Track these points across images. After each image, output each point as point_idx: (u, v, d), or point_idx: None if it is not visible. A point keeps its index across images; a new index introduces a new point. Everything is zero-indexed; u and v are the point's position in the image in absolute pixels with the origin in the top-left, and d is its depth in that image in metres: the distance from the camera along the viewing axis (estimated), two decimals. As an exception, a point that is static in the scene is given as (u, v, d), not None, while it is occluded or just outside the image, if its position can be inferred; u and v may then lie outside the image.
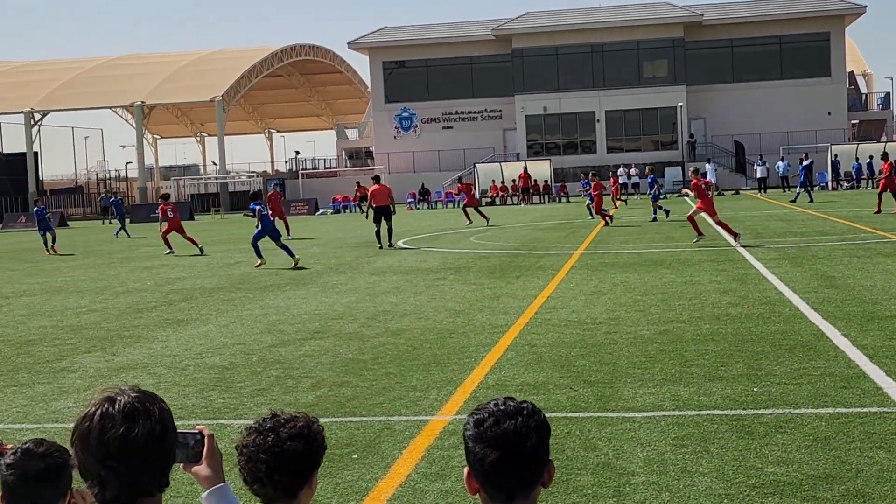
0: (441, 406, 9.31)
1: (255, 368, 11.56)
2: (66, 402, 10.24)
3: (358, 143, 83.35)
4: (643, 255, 23.22)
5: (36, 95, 74.00)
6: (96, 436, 2.61)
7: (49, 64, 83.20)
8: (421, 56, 72.82)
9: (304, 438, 3.42)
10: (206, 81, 72.30)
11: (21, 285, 23.07)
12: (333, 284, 20.17)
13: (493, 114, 72.75)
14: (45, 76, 77.86)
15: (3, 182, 73.12)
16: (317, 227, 43.77)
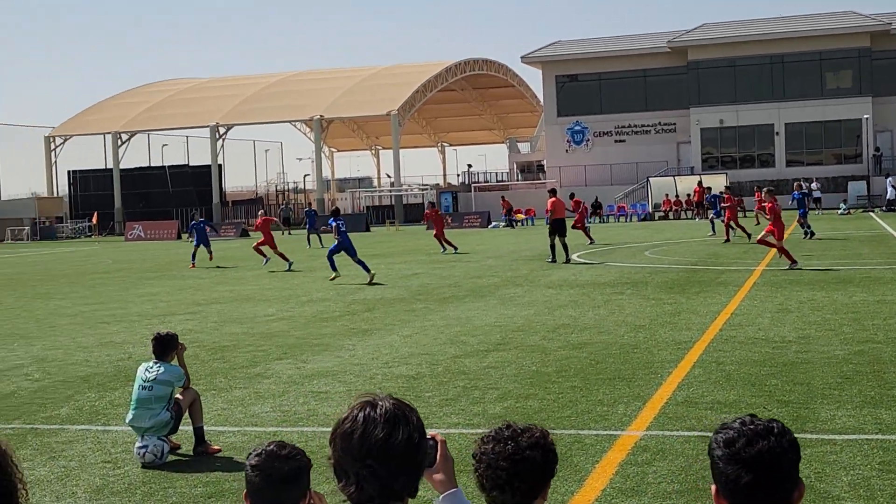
0: (631, 421, 9.25)
1: (442, 379, 11.73)
2: (264, 407, 10.61)
3: (530, 156, 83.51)
4: (830, 273, 22.49)
5: (221, 110, 76.91)
6: (359, 437, 2.73)
7: (233, 80, 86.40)
8: (594, 69, 72.48)
9: (542, 448, 3.49)
10: (382, 96, 73.75)
11: (212, 293, 24.00)
12: (511, 297, 20.26)
13: (666, 127, 71.78)
14: (230, 92, 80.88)
15: (190, 193, 76.22)
16: (489, 240, 44.01)
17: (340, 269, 25.80)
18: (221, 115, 76.33)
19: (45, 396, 11.67)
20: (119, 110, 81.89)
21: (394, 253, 37.01)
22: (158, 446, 8.42)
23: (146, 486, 7.88)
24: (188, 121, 78.15)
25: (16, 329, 18.27)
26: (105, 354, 14.74)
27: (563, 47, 75.35)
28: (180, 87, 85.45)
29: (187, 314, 19.74)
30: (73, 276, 31.50)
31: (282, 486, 3.67)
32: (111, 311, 20.66)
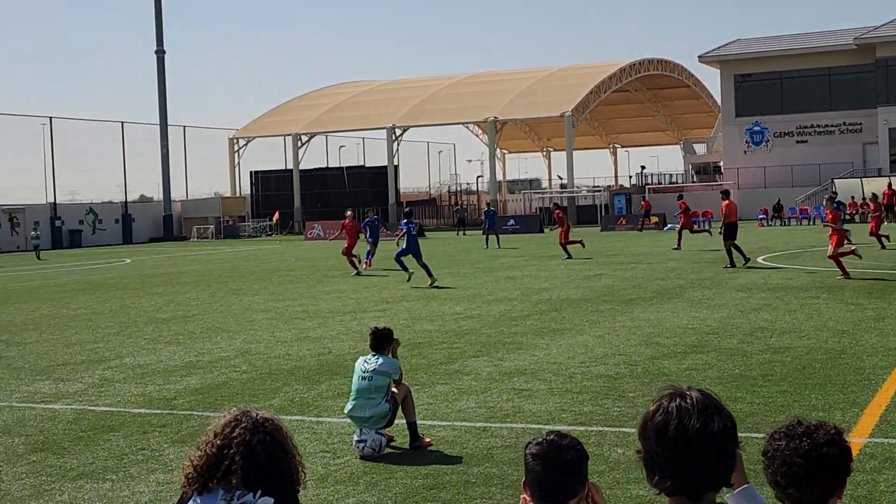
0: (851, 428, 8.96)
1: (642, 379, 11.63)
2: (469, 403, 10.73)
3: (705, 157, 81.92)
4: None
5: (397, 112, 78.17)
6: (674, 428, 2.73)
7: (409, 83, 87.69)
8: (775, 68, 70.56)
9: (838, 445, 3.42)
10: (556, 97, 73.58)
11: (398, 291, 24.42)
12: (699, 299, 19.92)
13: (852, 127, 69.26)
14: (406, 94, 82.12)
15: (366, 193, 77.72)
16: (668, 242, 43.36)
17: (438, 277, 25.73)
18: (398, 117, 77.56)
19: (255, 388, 12.10)
20: (299, 113, 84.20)
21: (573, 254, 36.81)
22: (377, 440, 8.61)
23: (367, 476, 8.07)
24: (366, 123, 79.71)
25: (216, 323, 18.99)
26: (305, 349, 15.18)
27: (742, 45, 73.64)
28: (358, 90, 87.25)
29: (377, 311, 20.13)
30: (261, 274, 32.54)
31: (563, 476, 3.70)
32: (303, 308, 21.25)
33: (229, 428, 3.83)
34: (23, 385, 12.81)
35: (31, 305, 24.01)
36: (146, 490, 7.90)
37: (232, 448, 3.76)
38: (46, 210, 70.46)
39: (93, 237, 71.39)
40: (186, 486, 3.89)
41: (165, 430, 9.97)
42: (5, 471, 8.61)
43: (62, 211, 71.28)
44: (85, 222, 72.23)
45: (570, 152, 73.05)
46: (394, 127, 76.92)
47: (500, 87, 79.12)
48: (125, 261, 45.51)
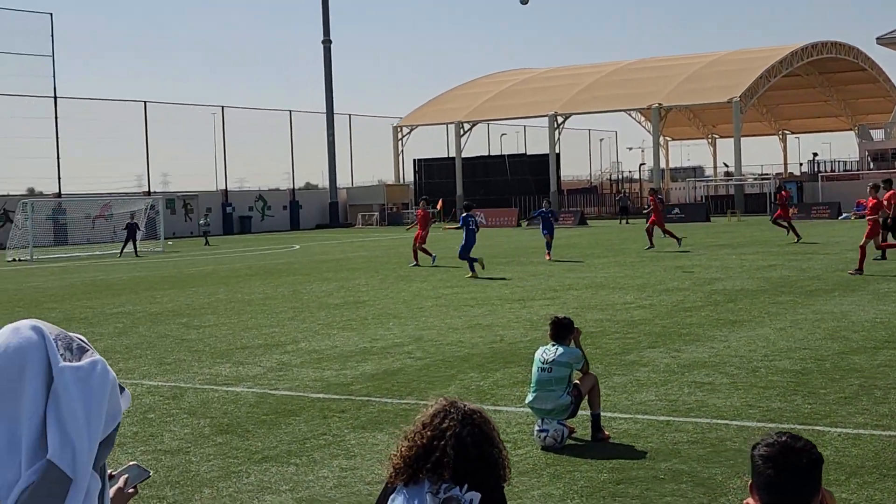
0: None
1: (832, 375, 11.11)
2: (648, 395, 10.45)
3: (883, 144, 78.57)
4: None
5: (559, 100, 77.62)
6: None
7: (571, 70, 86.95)
8: (959, 49, 67.17)
9: None
10: (723, 83, 71.73)
11: (564, 279, 24.12)
12: (885, 292, 19.01)
13: None
14: (567, 82, 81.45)
15: (528, 182, 77.49)
16: (844, 232, 41.75)
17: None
18: (559, 104, 77.01)
19: (431, 375, 12.06)
20: (461, 101, 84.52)
21: (742, 244, 35.83)
22: (559, 431, 8.43)
23: (550, 468, 7.90)
24: (527, 111, 79.43)
25: (387, 309, 19.12)
26: (477, 336, 15.10)
27: (923, 27, 70.26)
28: (520, 78, 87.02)
29: (545, 299, 19.92)
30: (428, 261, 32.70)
31: (797, 480, 3.45)
32: (471, 295, 21.22)
33: (438, 419, 3.71)
34: (204, 367, 13.12)
35: (207, 290, 24.71)
36: (330, 475, 7.91)
37: (443, 440, 3.64)
38: (218, 197, 72.72)
39: (262, 223, 73.36)
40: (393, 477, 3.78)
41: (345, 415, 10.01)
42: (194, 451, 8.77)
43: (233, 198, 73.46)
44: (254, 209, 74.26)
45: (738, 139, 71.13)
46: (555, 115, 76.40)
47: (664, 73, 77.62)
48: (294, 247, 46.52)
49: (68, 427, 2.38)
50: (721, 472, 7.62)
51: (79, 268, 36.50)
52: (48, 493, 2.32)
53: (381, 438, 9.00)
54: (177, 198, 69.30)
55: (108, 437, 2.48)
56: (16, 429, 2.37)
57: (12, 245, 48.07)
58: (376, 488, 7.49)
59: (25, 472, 2.35)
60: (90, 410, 2.42)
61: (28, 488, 2.32)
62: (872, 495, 6.98)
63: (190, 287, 25.62)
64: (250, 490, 7.59)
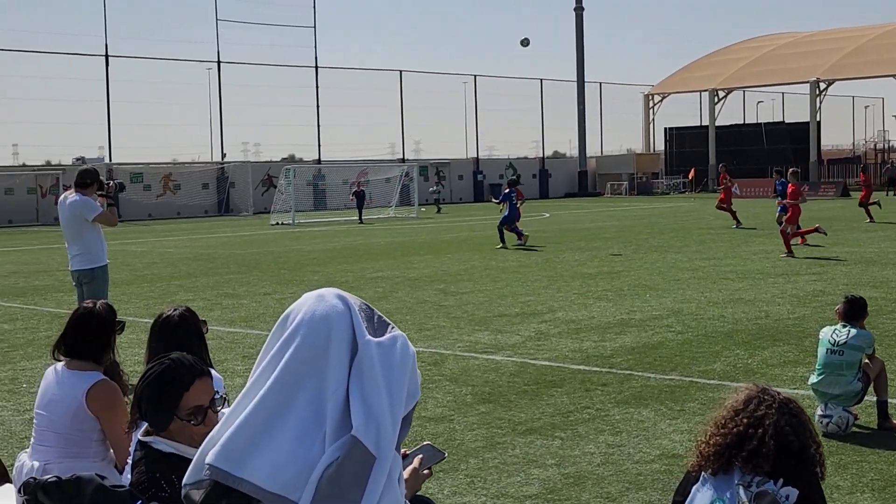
0: None
1: None
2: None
3: None
4: None
5: (821, 66, 74.00)
6: None
7: (834, 33, 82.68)
8: None
9: None
10: None
11: (830, 251, 22.89)
12: None
13: None
14: (831, 45, 77.50)
15: (785, 151, 74.42)
16: None
17: None
18: (822, 70, 73.43)
19: (693, 350, 11.63)
20: (715, 68, 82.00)
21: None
22: (844, 418, 7.89)
23: (835, 457, 7.36)
24: (786, 77, 76.19)
25: (643, 280, 18.70)
26: (740, 311, 14.49)
27: None
28: (779, 43, 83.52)
29: (812, 274, 18.96)
30: (680, 231, 31.94)
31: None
32: (730, 267, 20.47)
33: (753, 405, 3.43)
34: (464, 334, 13.16)
35: (462, 255, 24.97)
36: (596, 451, 7.70)
37: (761, 428, 3.35)
38: (469, 165, 73.67)
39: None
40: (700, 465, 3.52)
41: (607, 388, 9.77)
42: (457, 420, 8.75)
43: (483, 166, 74.23)
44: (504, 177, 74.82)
45: None
46: (817, 81, 72.91)
47: (941, 35, 72.60)
48: (544, 215, 46.54)
49: (373, 403, 2.26)
50: None
51: (338, 232, 37.78)
52: (353, 472, 2.22)
53: (647, 415, 8.70)
54: (430, 165, 70.65)
55: (407, 415, 2.36)
56: (321, 400, 2.27)
57: (275, 209, 50.31)
58: (645, 468, 7.23)
59: (329, 446, 2.25)
60: (393, 387, 2.30)
61: (333, 464, 2.22)
62: None
63: (446, 253, 25.96)
64: (516, 462, 7.47)
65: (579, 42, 77.33)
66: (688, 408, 8.93)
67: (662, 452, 7.59)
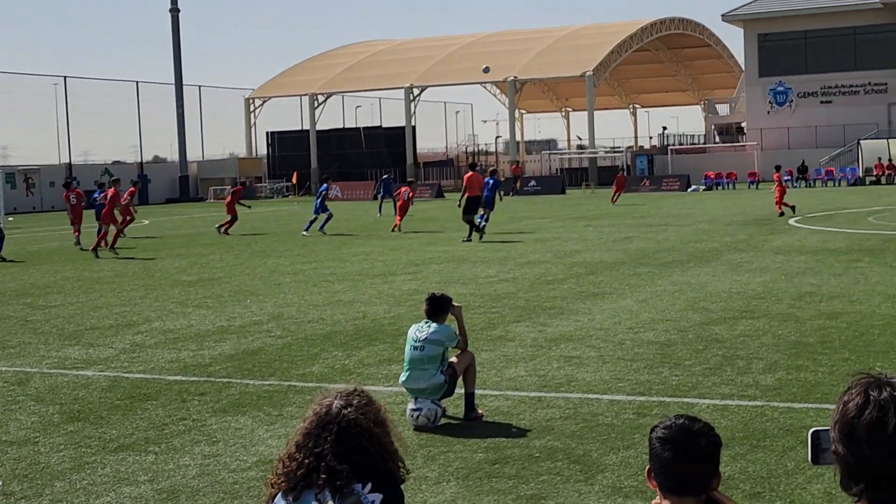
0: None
1: (696, 346, 11.18)
2: (518, 371, 10.32)
3: (728, 118, 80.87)
4: None
5: (415, 72, 77.33)
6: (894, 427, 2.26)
7: (427, 41, 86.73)
8: (799, 27, 69.35)
9: None
10: (577, 57, 72.60)
11: (425, 253, 23.96)
12: (739, 262, 19.42)
13: (877, 87, 68.14)
14: (424, 53, 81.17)
15: (384, 154, 77.08)
16: (694, 204, 42.78)
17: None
18: (415, 76, 76.74)
19: (293, 354, 11.68)
20: (315, 73, 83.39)
21: (597, 216, 36.35)
22: (433, 410, 8.20)
23: (424, 449, 7.65)
24: (382, 83, 78.90)
25: (244, 286, 18.58)
26: (339, 313, 14.75)
27: (765, 4, 72.35)
28: (375, 49, 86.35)
29: (407, 274, 19.69)
30: (283, 235, 32.14)
31: (697, 464, 3.29)
32: (331, 270, 20.83)
33: (311, 440, 3.38)
34: (52, 350, 12.42)
35: (52, 267, 23.64)
36: (192, 463, 7.50)
37: (323, 462, 3.32)
38: (62, 171, 70.06)
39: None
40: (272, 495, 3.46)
41: (205, 398, 9.57)
42: (42, 442, 8.22)
43: (77, 171, 70.87)
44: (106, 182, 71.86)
45: (592, 112, 72.18)
46: (411, 87, 76.13)
47: (519, 46, 78.13)
48: (143, 222, 45.14)
49: None
50: (596, 449, 7.51)
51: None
52: None
53: (245, 422, 8.61)
54: (17, 172, 66.49)
55: None
56: None
57: None
58: (242, 476, 7.14)
59: None
60: None
61: None
62: (746, 467, 6.97)
63: (34, 265, 24.45)
64: (106, 482, 7.12)
65: (176, 44, 75.80)
66: (286, 412, 8.94)
67: (259, 459, 7.53)
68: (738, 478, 6.77)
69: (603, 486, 6.71)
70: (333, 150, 79.95)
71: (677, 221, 31.76)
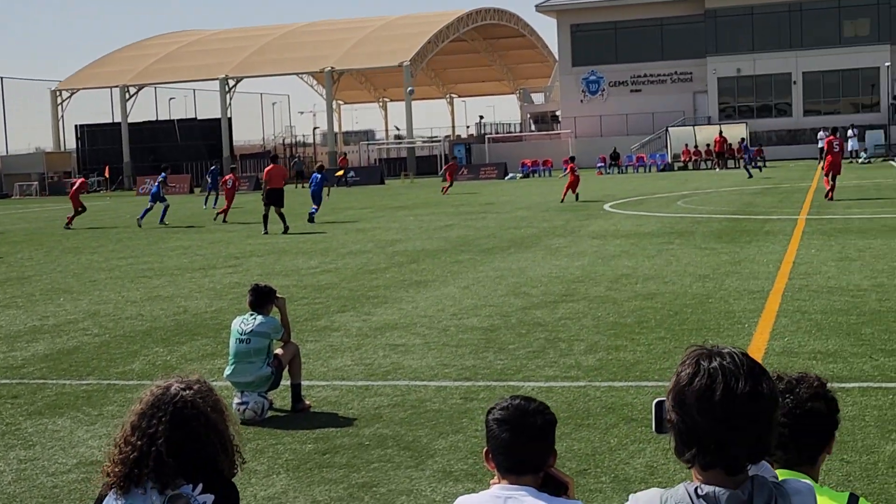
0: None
1: (519, 331, 11.39)
2: (345, 360, 10.28)
3: (543, 107, 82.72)
4: (876, 221, 22.13)
5: (230, 63, 76.04)
6: (721, 393, 2.35)
7: (242, 32, 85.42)
8: (609, 18, 71.52)
9: (823, 398, 3.17)
10: (394, 47, 72.86)
11: (245, 246, 23.62)
12: (557, 247, 19.89)
13: (683, 76, 70.99)
14: (238, 44, 79.90)
15: (199, 147, 75.54)
16: (511, 192, 43.59)
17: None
18: (230, 67, 75.49)
19: (111, 352, 11.32)
20: (126, 63, 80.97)
21: (417, 205, 36.61)
22: (259, 403, 8.08)
23: (253, 442, 7.53)
24: (197, 74, 77.29)
25: (56, 284, 17.90)
26: (158, 309, 14.39)
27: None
28: (189, 40, 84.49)
29: (228, 267, 19.37)
30: (96, 231, 31.13)
31: (533, 443, 3.35)
32: (148, 265, 20.29)
33: (145, 422, 3.27)
34: None
35: None
36: (7, 469, 7.18)
37: (154, 447, 3.21)
38: None
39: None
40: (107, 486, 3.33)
41: (18, 401, 9.17)
42: None
43: None
44: None
45: (409, 103, 72.60)
46: (226, 78, 74.87)
47: (336, 36, 77.84)
48: (-55, 220, 42.93)
49: None
50: (425, 434, 7.56)
51: None
52: None
53: (63, 424, 8.29)
54: None
55: None
56: None
57: None
58: (61, 479, 6.88)
59: None
60: None
61: None
62: (571, 445, 7.13)
63: None
64: (-88, 494, 6.74)
65: (-23, 34, 72.31)
66: (106, 411, 8.66)
67: (80, 461, 7.27)
68: (565, 456, 6.92)
69: (434, 470, 6.76)
70: (147, 143, 77.87)
71: (496, 209, 32.29)
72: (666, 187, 40.87)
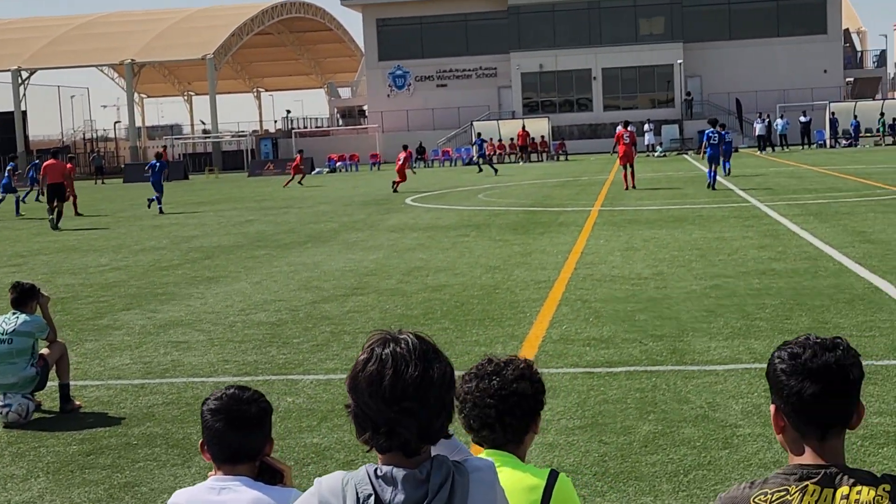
0: (514, 360, 9.12)
1: (306, 325, 11.36)
2: (123, 359, 10.04)
3: (350, 101, 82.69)
4: (663, 212, 23.06)
5: (23, 53, 73.02)
6: (391, 378, 2.40)
7: (37, 21, 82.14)
8: (414, 13, 72.07)
9: (528, 379, 3.29)
10: (196, 39, 71.47)
11: (33, 244, 22.76)
12: (354, 241, 19.94)
13: (487, 71, 72.21)
14: (33, 34, 76.82)
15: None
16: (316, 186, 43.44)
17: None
18: (24, 58, 72.48)
19: None
20: None
21: (220, 200, 36.05)
22: (24, 405, 7.78)
23: (14, 446, 7.26)
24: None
25: None
26: (-70, 310, 13.68)
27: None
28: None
29: (11, 266, 18.62)
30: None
31: (247, 432, 3.36)
32: (-74, 265, 19.28)
33: None
34: None
35: None
36: None
37: None
38: None
39: None
40: None
41: None
42: None
43: None
44: None
45: (214, 96, 71.37)
46: (19, 69, 71.82)
47: (136, 27, 75.77)
48: None
49: None
50: (196, 432, 7.37)
51: None
52: None
53: None
54: None
55: None
56: None
57: None
58: None
59: None
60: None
61: None
62: (342, 437, 7.17)
63: None
64: None
65: None
66: None
67: None
68: (335, 447, 6.97)
69: (200, 467, 6.66)
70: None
71: (298, 204, 32.11)
72: (469, 181, 41.54)
